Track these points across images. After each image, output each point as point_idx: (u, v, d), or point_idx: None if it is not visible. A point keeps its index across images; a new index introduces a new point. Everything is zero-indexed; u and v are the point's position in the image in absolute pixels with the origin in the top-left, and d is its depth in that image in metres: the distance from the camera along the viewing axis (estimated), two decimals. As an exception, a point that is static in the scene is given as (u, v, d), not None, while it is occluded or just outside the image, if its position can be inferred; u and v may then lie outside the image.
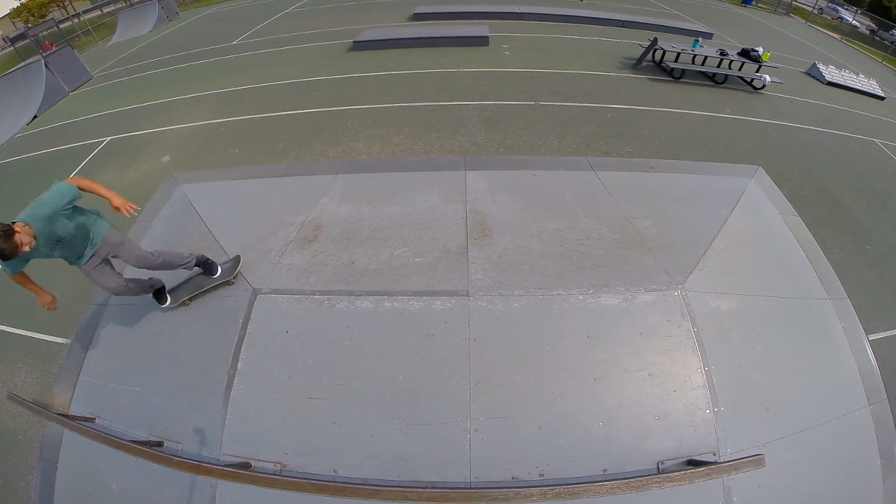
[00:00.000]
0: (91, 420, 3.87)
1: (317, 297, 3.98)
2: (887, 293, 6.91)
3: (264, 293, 4.04)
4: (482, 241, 4.44)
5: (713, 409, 3.44)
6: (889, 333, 6.21)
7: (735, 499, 3.29)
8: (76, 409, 4.04)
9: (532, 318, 3.78)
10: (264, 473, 3.28)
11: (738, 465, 3.15)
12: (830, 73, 16.21)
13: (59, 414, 3.89)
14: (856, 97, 14.87)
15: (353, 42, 16.56)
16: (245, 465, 3.35)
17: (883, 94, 15.81)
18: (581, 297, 3.85)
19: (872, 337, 4.63)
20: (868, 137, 11.49)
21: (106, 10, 41.10)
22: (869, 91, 15.77)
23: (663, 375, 3.52)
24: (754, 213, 4.95)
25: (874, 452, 3.75)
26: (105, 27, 32.46)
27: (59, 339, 6.22)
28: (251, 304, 3.98)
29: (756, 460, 3.16)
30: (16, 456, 5.12)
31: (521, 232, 4.52)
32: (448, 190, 5.09)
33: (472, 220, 4.70)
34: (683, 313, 3.75)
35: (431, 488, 3.16)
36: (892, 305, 6.64)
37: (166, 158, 10.18)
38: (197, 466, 3.30)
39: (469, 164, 5.57)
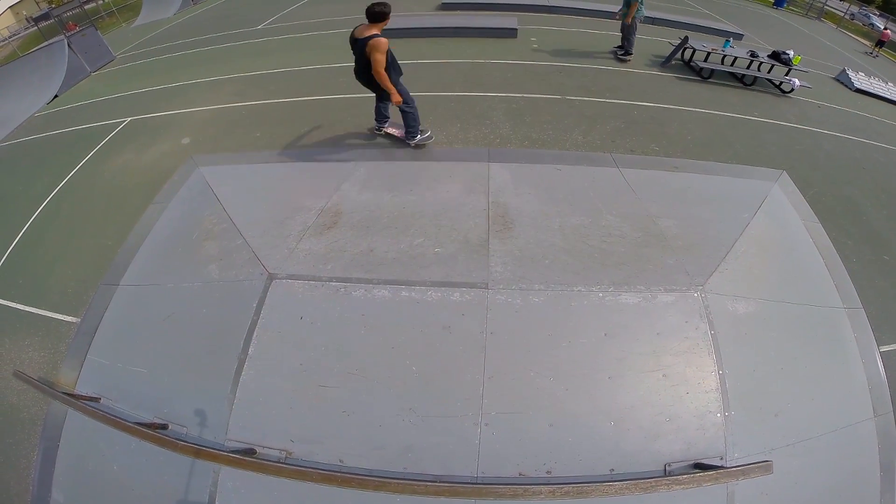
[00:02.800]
0: (96, 399, 3.89)
1: (333, 283, 3.96)
2: (902, 306, 6.77)
3: (280, 278, 4.02)
4: (503, 233, 4.40)
5: (724, 413, 3.41)
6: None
7: (737, 504, 3.27)
8: (82, 389, 4.06)
9: (551, 313, 3.74)
10: (269, 461, 3.26)
11: (746, 470, 3.13)
12: (860, 80, 15.85)
13: (64, 392, 3.91)
14: (883, 105, 14.53)
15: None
16: (250, 452, 3.34)
17: (911, 104, 15.43)
18: (601, 295, 3.81)
19: (884, 348, 4.55)
20: (893, 147, 11.26)
21: (131, -9, 41.44)
22: (896, 100, 15.45)
23: (677, 377, 3.48)
24: (776, 218, 4.89)
25: (875, 465, 3.73)
26: (129, 9, 32.68)
27: (68, 318, 6.20)
28: (266, 288, 3.96)
29: (764, 466, 3.15)
30: (18, 433, 5.13)
31: (543, 226, 4.49)
32: (471, 181, 5.06)
33: (494, 212, 4.66)
34: (701, 315, 3.70)
35: (439, 482, 3.14)
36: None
37: (186, 140, 10.17)
38: (200, 451, 3.29)
39: (493, 156, 5.56)
